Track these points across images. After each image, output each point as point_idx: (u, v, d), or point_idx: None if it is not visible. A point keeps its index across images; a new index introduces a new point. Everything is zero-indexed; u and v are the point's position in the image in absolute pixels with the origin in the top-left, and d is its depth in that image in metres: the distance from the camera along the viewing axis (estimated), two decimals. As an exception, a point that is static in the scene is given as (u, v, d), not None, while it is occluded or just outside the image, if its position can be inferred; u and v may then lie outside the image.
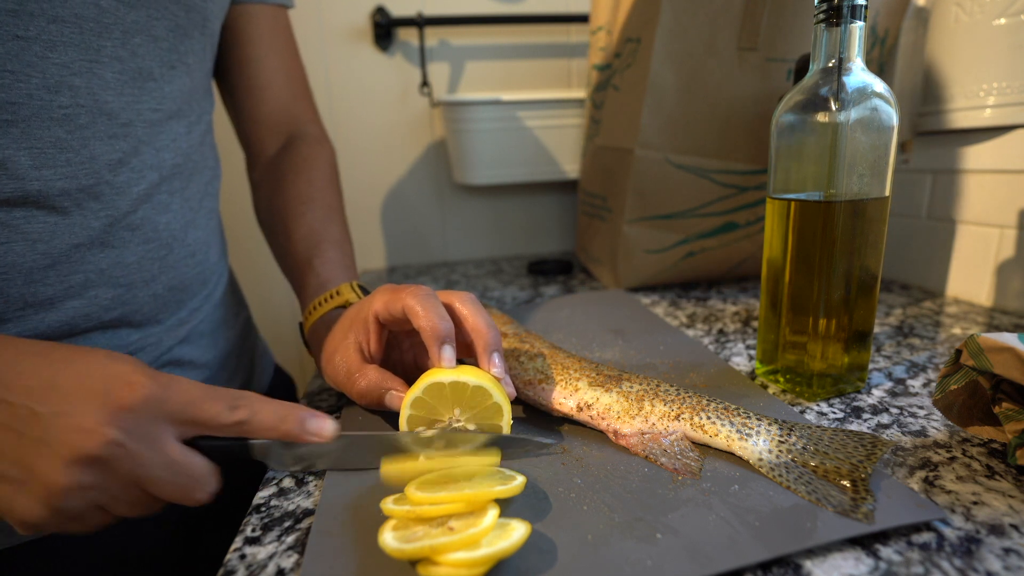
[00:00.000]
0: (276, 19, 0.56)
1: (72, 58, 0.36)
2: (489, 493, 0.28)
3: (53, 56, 0.35)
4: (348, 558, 0.27)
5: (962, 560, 0.26)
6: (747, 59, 0.62)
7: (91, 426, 0.27)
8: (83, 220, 0.38)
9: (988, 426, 0.35)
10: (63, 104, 0.36)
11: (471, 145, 0.89)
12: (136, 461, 0.28)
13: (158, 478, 0.29)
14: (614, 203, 0.73)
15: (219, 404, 0.30)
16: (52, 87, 0.35)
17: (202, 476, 0.31)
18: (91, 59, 0.37)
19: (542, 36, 0.98)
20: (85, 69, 0.36)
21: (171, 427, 0.29)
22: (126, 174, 0.40)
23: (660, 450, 0.34)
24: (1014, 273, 0.59)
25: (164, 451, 0.29)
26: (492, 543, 0.25)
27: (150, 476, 0.29)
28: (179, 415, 0.29)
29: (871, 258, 0.40)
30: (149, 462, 0.29)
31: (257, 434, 0.31)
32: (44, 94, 0.35)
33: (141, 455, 0.28)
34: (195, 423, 0.30)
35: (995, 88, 0.57)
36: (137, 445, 0.28)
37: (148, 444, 0.28)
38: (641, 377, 0.40)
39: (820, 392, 0.42)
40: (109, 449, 0.27)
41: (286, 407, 0.32)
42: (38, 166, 0.35)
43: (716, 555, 0.26)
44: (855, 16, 0.37)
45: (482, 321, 0.37)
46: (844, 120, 0.37)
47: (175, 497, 0.30)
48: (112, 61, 0.38)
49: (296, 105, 0.59)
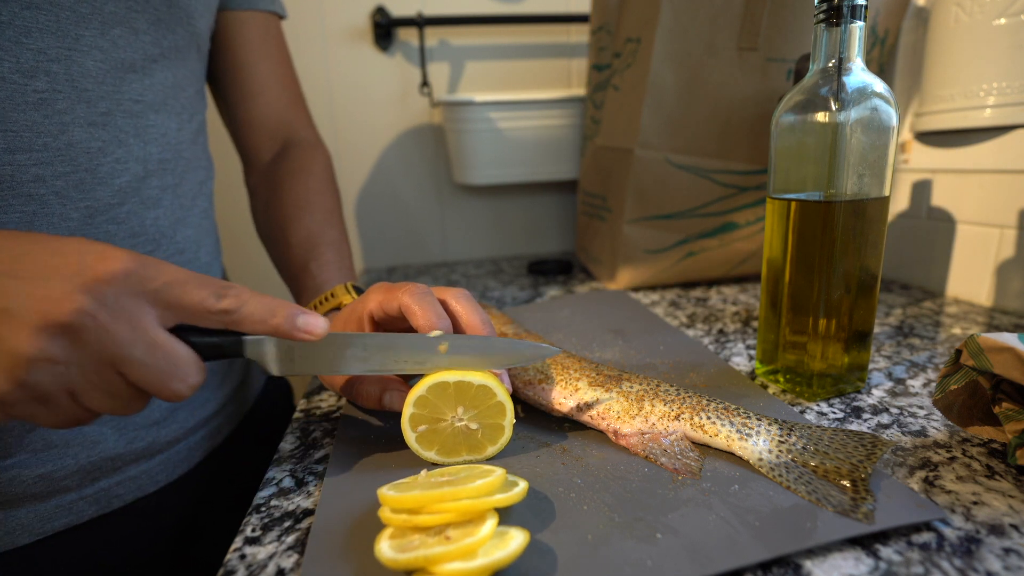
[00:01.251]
0: (267, 26, 0.57)
1: (48, 44, 0.35)
2: (488, 502, 0.27)
3: (28, 41, 0.35)
4: (348, 558, 0.27)
5: (962, 560, 0.26)
6: (747, 59, 0.62)
7: (61, 294, 0.25)
8: (62, 210, 0.37)
9: (988, 426, 0.35)
10: (39, 88, 0.35)
11: (471, 145, 0.89)
12: (110, 336, 0.26)
13: (134, 359, 0.27)
14: (614, 203, 0.73)
15: (205, 290, 0.28)
16: (27, 71, 0.35)
17: (184, 364, 0.28)
18: (69, 47, 0.37)
19: (542, 36, 0.98)
20: (63, 56, 0.36)
21: (152, 308, 0.27)
22: (108, 164, 0.39)
23: (660, 450, 0.34)
24: (1014, 273, 0.59)
25: (142, 330, 0.27)
26: (489, 553, 0.25)
27: (125, 355, 0.26)
28: (161, 296, 0.27)
29: (871, 258, 0.40)
30: (124, 340, 0.26)
31: (245, 326, 0.29)
32: (18, 77, 0.35)
33: (116, 331, 0.26)
34: (179, 307, 0.28)
35: (995, 88, 0.57)
36: (111, 319, 0.26)
37: (124, 320, 0.26)
38: (641, 377, 0.40)
39: (820, 392, 0.42)
40: (80, 318, 0.25)
41: (276, 302, 0.30)
42: (11, 150, 0.35)
43: (716, 555, 0.26)
44: (855, 16, 0.37)
45: (477, 318, 0.37)
46: (844, 120, 0.37)
47: (153, 385, 0.28)
48: (92, 50, 0.38)
49: (290, 111, 0.59)
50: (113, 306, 0.26)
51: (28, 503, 0.38)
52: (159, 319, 0.28)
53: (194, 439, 0.48)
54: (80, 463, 0.40)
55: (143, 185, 0.42)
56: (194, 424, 0.48)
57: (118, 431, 0.42)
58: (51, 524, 0.39)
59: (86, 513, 0.41)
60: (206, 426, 0.50)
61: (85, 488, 0.41)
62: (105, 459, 0.41)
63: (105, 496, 0.42)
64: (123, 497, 0.43)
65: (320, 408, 0.46)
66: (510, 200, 1.05)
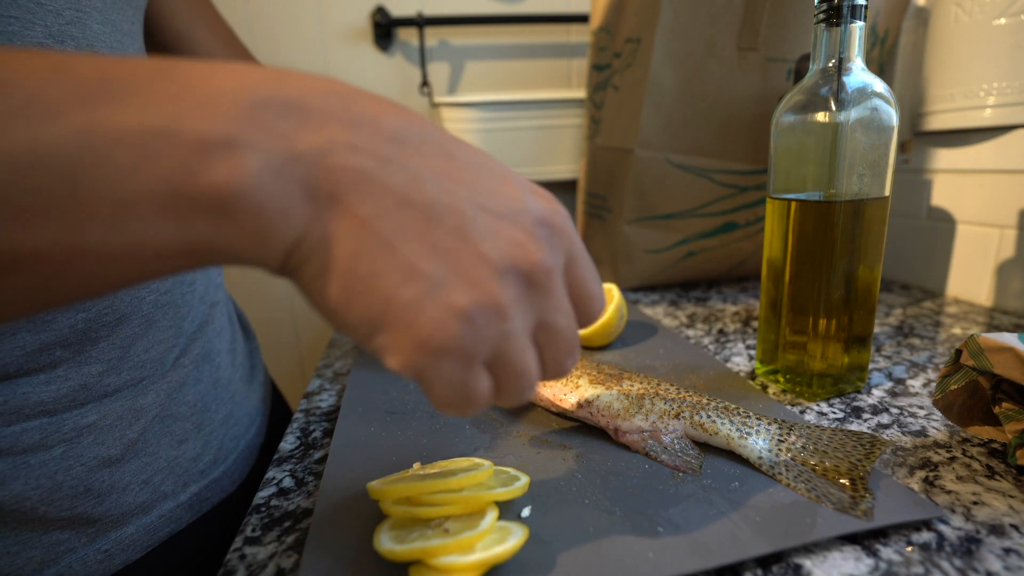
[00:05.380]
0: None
1: (61, 6, 0.35)
2: (489, 495, 0.27)
3: (47, 4, 0.34)
4: (347, 559, 0.27)
5: (962, 560, 0.26)
6: (747, 59, 0.62)
7: (525, 238, 0.21)
8: None
9: (988, 426, 0.35)
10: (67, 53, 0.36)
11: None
12: (552, 298, 0.22)
13: (559, 327, 0.23)
14: (614, 203, 0.73)
15: None
16: (55, 35, 0.34)
17: None
18: (77, 9, 0.36)
19: (542, 36, 0.98)
20: (76, 19, 0.36)
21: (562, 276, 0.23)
22: None
23: (660, 447, 0.34)
24: (1014, 273, 0.59)
25: (564, 297, 0.23)
26: (488, 547, 0.25)
27: (552, 322, 0.22)
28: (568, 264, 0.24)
29: (871, 258, 0.40)
30: (557, 304, 0.22)
31: None
32: (51, 43, 0.34)
33: (557, 292, 0.22)
34: None
35: (995, 88, 0.57)
36: (556, 280, 0.22)
37: (558, 281, 0.22)
38: (642, 376, 0.40)
39: (820, 392, 0.42)
40: (536, 272, 0.21)
41: None
42: None
43: (717, 548, 0.26)
44: (855, 16, 0.37)
45: None
46: (844, 120, 0.37)
47: (559, 361, 0.24)
48: (94, 12, 0.37)
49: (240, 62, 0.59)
50: (558, 265, 0.22)
51: (136, 517, 0.39)
52: None
53: (249, 437, 0.50)
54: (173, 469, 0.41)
55: None
56: (248, 424, 0.50)
57: (198, 429, 0.43)
58: (157, 535, 0.40)
59: (184, 519, 0.41)
60: (252, 427, 0.51)
61: (180, 495, 0.41)
62: (190, 459, 0.42)
63: (197, 500, 0.43)
64: (211, 500, 0.44)
65: (320, 408, 0.46)
66: (510, 200, 1.05)
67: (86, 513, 0.36)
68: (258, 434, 0.52)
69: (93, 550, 0.36)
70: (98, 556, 0.36)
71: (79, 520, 0.35)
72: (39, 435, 0.34)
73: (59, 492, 0.34)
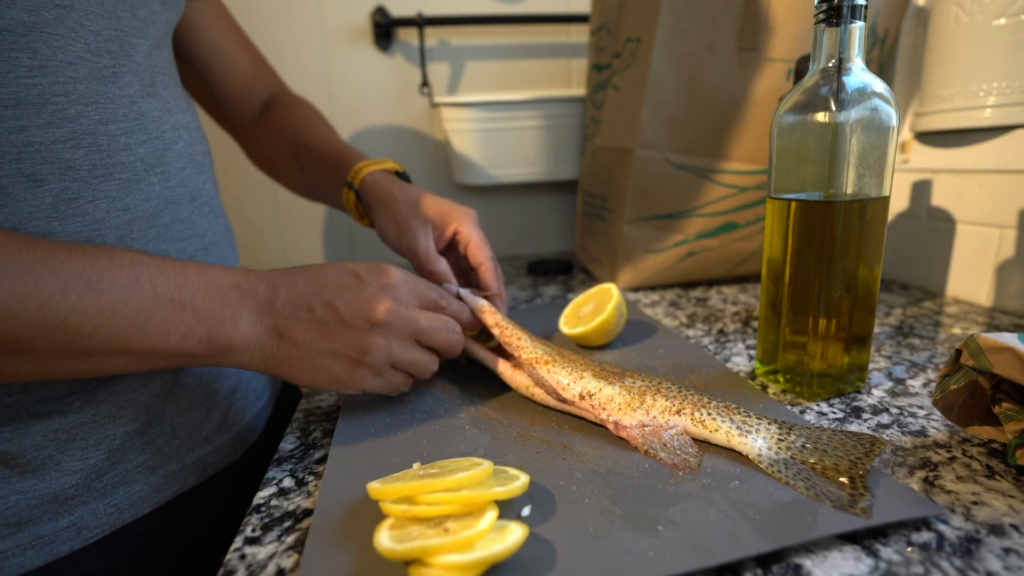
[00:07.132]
0: (215, 4, 0.59)
1: (102, 26, 0.38)
2: (489, 495, 0.27)
3: (88, 24, 0.37)
4: (347, 559, 0.27)
5: (962, 560, 0.26)
6: (747, 59, 0.62)
7: (373, 301, 0.37)
8: (147, 176, 0.41)
9: (988, 426, 0.35)
10: (107, 64, 0.39)
11: (471, 146, 0.89)
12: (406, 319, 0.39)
13: (424, 328, 0.39)
14: (614, 203, 0.73)
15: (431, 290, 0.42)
16: (94, 50, 0.38)
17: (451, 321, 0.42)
18: (115, 27, 0.39)
19: (542, 36, 0.98)
20: (114, 36, 0.39)
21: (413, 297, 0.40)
22: (169, 131, 0.43)
23: (660, 444, 0.34)
24: (1014, 273, 0.59)
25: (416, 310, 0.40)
26: (487, 546, 0.25)
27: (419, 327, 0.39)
28: (414, 290, 0.41)
29: (871, 258, 0.40)
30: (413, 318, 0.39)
31: None
32: (90, 56, 0.37)
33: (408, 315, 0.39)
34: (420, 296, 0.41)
35: (995, 88, 0.57)
36: (404, 308, 0.39)
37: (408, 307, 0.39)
38: (643, 375, 0.40)
39: (820, 392, 0.42)
40: (387, 315, 0.38)
41: None
42: (104, 120, 0.38)
43: (717, 547, 0.26)
44: (855, 16, 0.37)
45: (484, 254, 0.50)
46: (844, 120, 0.37)
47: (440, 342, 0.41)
48: (132, 31, 0.41)
49: (260, 69, 0.64)
50: (398, 299, 0.39)
51: (142, 475, 0.42)
52: None
53: (256, 409, 0.53)
54: (179, 438, 0.44)
55: (193, 151, 0.46)
56: (255, 398, 0.53)
57: (204, 399, 0.46)
58: (163, 494, 0.43)
59: (189, 482, 0.45)
60: (259, 401, 0.54)
61: (184, 458, 0.44)
62: (193, 426, 0.45)
63: (200, 465, 0.46)
64: (215, 466, 0.47)
65: (320, 408, 0.46)
66: (510, 200, 1.05)
67: (96, 466, 0.39)
68: (265, 408, 0.55)
69: (103, 504, 0.39)
70: (107, 510, 0.40)
71: (91, 473, 0.39)
72: None
73: (72, 445, 0.39)
